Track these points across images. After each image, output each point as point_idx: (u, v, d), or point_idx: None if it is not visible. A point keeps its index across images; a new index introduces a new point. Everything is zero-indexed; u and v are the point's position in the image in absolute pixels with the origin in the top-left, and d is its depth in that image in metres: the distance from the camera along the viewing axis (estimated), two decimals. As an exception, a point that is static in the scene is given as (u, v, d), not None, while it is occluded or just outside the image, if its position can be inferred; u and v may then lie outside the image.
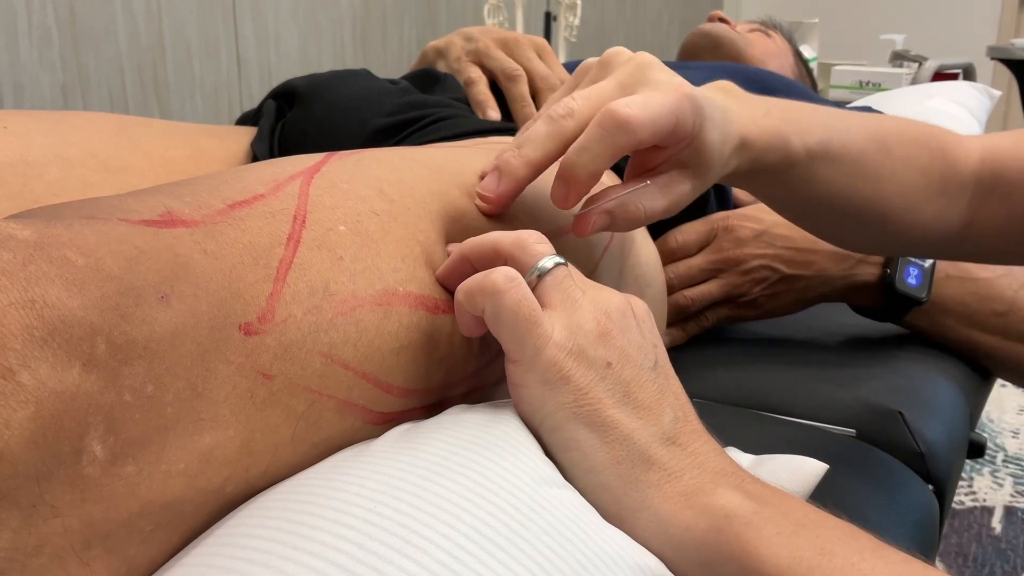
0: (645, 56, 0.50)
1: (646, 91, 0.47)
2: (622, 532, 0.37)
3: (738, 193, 0.89)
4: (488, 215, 0.49)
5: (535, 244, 0.42)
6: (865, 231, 0.62)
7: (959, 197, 0.61)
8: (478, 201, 0.48)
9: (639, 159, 0.50)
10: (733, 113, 0.52)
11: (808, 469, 0.46)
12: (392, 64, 2.73)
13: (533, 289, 0.40)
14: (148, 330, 0.31)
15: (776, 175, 0.55)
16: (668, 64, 0.54)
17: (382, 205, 0.43)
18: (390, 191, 0.44)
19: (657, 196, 0.49)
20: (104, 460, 0.29)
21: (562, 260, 0.41)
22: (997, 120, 3.83)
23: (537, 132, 0.47)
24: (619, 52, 0.51)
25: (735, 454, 0.52)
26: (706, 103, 0.49)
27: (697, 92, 0.48)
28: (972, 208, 0.62)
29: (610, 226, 0.48)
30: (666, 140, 0.46)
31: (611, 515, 0.38)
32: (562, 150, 0.46)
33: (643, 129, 0.44)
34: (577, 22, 2.18)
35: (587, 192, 0.47)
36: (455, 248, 0.44)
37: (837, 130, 0.57)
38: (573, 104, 0.46)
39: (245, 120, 0.88)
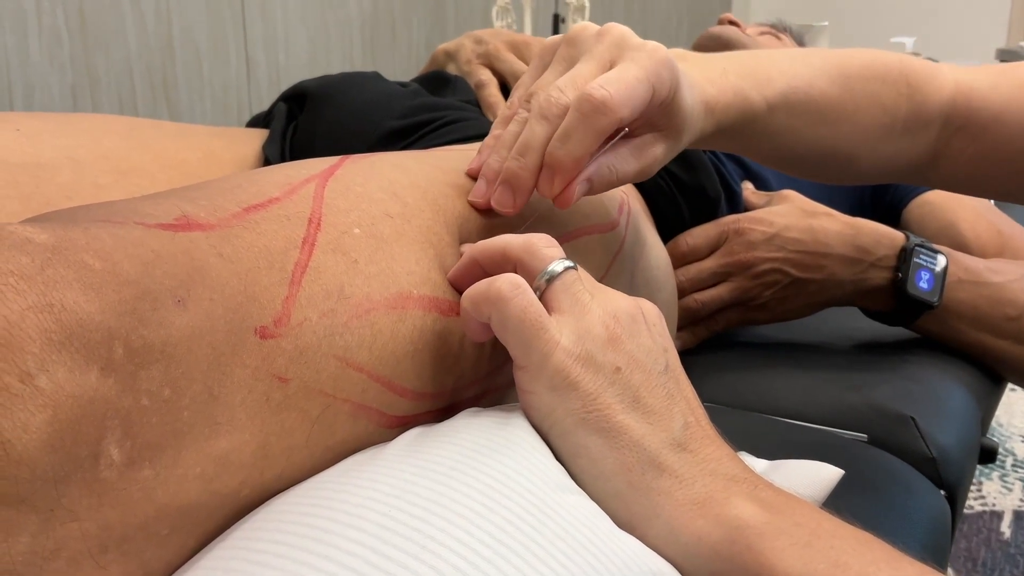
0: (616, 29, 0.49)
1: (622, 65, 0.47)
2: (635, 538, 0.37)
3: (748, 196, 0.89)
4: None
5: (544, 248, 0.41)
6: (831, 169, 0.64)
7: (925, 132, 0.63)
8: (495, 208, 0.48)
9: None
10: (692, 78, 0.52)
11: (823, 475, 0.46)
12: (400, 66, 2.73)
13: (542, 293, 0.40)
14: (165, 334, 0.31)
15: (740, 131, 0.57)
16: None
17: (396, 208, 0.43)
18: (404, 194, 0.44)
19: (629, 159, 0.49)
20: (121, 464, 0.29)
21: (572, 264, 0.41)
22: (1006, 123, 3.80)
23: (536, 136, 0.46)
24: (585, 27, 0.50)
25: (748, 459, 0.51)
26: (679, 66, 0.49)
27: (671, 55, 0.49)
28: (940, 143, 0.63)
29: (589, 191, 0.48)
30: (646, 110, 0.47)
31: (622, 522, 0.38)
32: None
33: (622, 107, 0.45)
34: (586, 24, 2.17)
35: (573, 178, 0.46)
36: (466, 250, 0.44)
37: (800, 77, 0.58)
38: (564, 98, 0.46)
39: (256, 122, 0.88)
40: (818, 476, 0.46)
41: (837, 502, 0.48)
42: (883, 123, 0.61)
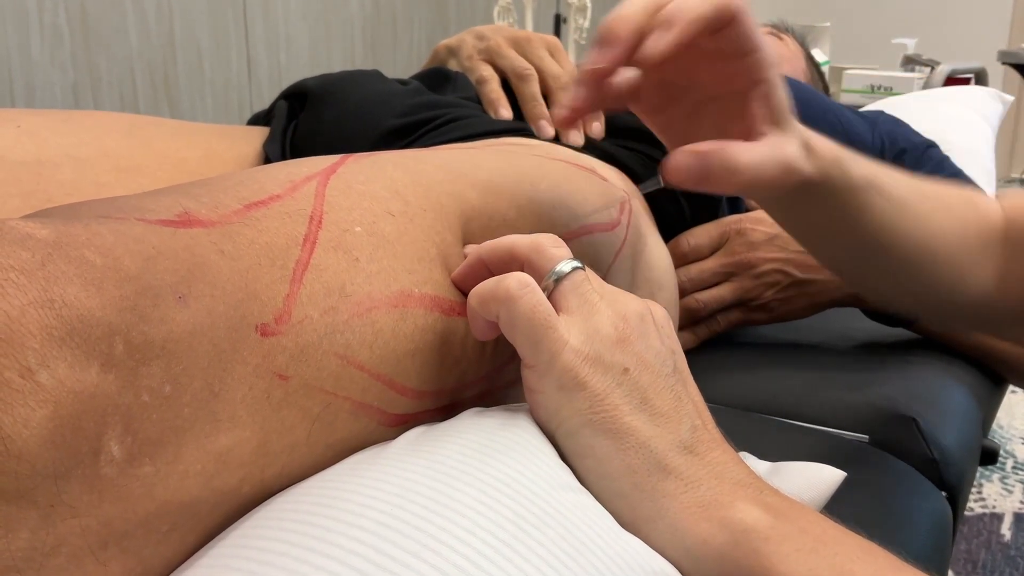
0: None
1: None
2: (639, 539, 0.37)
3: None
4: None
5: (552, 248, 0.41)
6: (909, 275, 0.57)
7: (991, 252, 0.59)
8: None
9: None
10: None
11: (825, 477, 0.46)
12: (402, 65, 2.73)
13: (550, 293, 0.40)
14: (166, 330, 0.31)
15: (838, 196, 0.52)
16: None
17: (398, 207, 0.43)
18: (406, 193, 0.44)
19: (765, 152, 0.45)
20: (121, 460, 0.29)
21: (579, 264, 0.41)
22: (1008, 126, 3.82)
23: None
24: None
25: (750, 460, 0.51)
26: None
27: None
28: (1003, 266, 0.60)
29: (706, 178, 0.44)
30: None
31: (626, 523, 0.38)
32: None
33: None
34: (587, 24, 2.18)
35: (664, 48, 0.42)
36: (471, 250, 0.44)
37: (881, 170, 0.55)
38: None
39: (257, 121, 0.88)
40: (820, 478, 0.46)
41: (838, 503, 0.48)
42: (959, 233, 0.58)
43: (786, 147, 0.46)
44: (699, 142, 0.44)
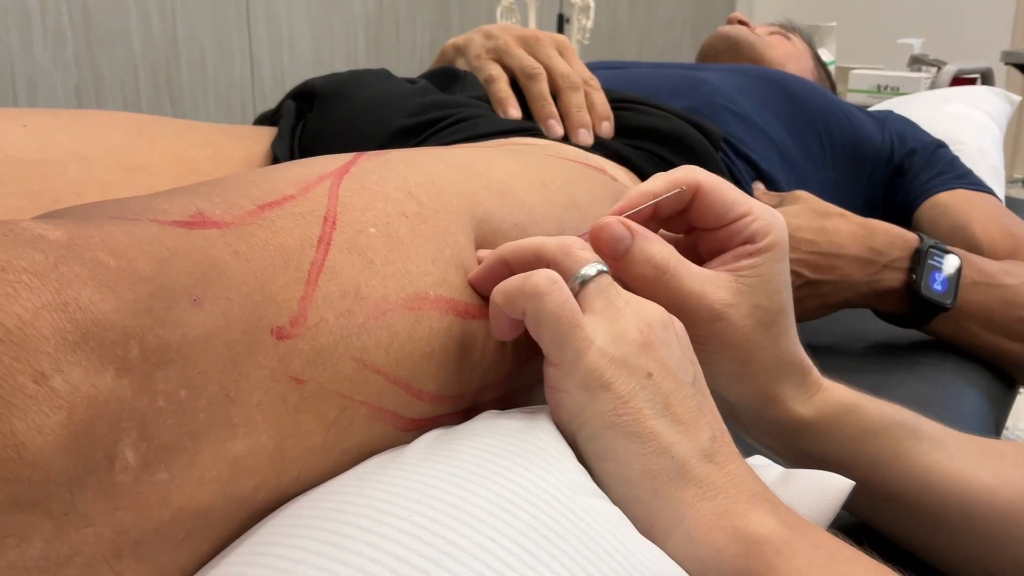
0: None
1: None
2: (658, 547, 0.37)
3: (760, 197, 0.88)
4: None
5: (579, 250, 0.41)
6: (965, 531, 0.48)
7: None
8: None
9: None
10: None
11: (835, 485, 0.45)
12: (405, 65, 2.73)
13: (576, 295, 0.40)
14: (181, 333, 0.30)
15: (845, 440, 0.49)
16: (687, 66, 0.52)
17: (412, 207, 0.42)
18: (419, 193, 0.43)
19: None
20: (137, 467, 0.28)
21: (605, 268, 0.40)
22: (1011, 127, 3.81)
23: None
24: None
25: (763, 463, 0.51)
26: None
27: None
28: None
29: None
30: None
31: (643, 530, 0.37)
32: None
33: None
34: (590, 24, 2.18)
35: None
36: (492, 252, 0.43)
37: (925, 420, 0.51)
38: None
39: (263, 120, 0.87)
40: (830, 487, 0.45)
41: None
42: None
43: (719, 290, 0.45)
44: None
